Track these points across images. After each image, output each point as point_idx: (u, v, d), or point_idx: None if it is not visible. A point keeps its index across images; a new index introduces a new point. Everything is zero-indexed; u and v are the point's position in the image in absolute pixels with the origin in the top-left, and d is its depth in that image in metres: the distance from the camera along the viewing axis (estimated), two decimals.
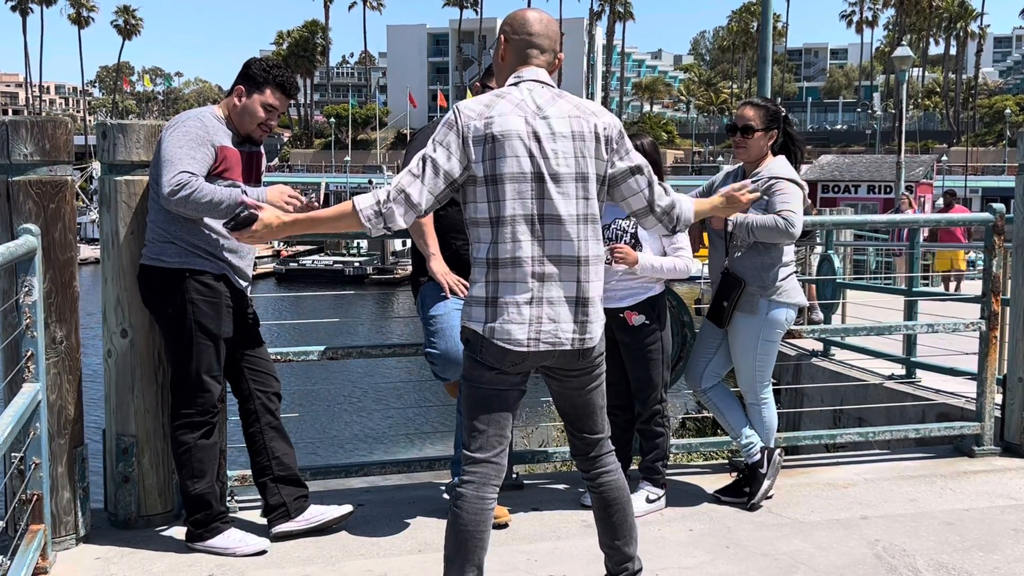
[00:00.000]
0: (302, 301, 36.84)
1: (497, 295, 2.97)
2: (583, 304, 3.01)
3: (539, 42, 3.13)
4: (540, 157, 2.95)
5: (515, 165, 2.94)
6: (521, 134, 2.95)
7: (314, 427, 16.88)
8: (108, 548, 3.95)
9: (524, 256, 2.95)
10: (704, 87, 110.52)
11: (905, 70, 25.88)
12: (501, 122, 2.95)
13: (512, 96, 3.03)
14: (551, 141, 2.97)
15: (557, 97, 3.06)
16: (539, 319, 2.96)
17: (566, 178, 2.98)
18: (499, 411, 3.05)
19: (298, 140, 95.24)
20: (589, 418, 3.18)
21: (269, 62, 4.04)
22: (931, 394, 7.37)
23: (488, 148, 2.95)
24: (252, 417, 4.11)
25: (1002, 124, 78.48)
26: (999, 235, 5.35)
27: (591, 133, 3.04)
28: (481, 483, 3.03)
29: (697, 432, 10.29)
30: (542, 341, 2.96)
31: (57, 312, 3.87)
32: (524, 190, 2.94)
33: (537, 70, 3.11)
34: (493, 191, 2.95)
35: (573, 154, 2.99)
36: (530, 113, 2.99)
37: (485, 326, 2.97)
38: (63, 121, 3.98)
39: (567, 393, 3.15)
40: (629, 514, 3.22)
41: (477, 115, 2.97)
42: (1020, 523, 4.33)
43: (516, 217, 2.94)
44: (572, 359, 3.03)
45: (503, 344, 2.95)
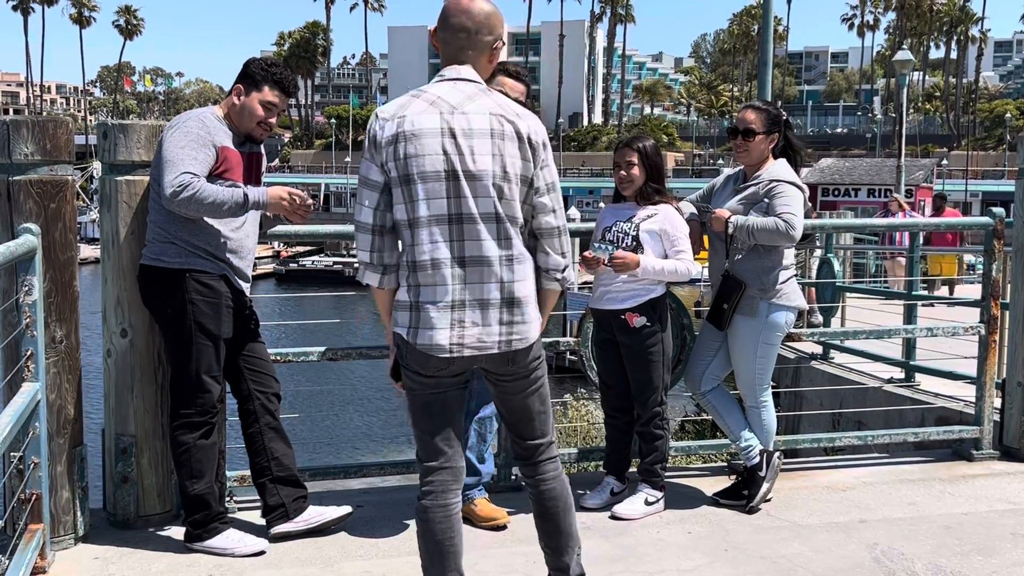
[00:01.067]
0: (302, 301, 36.84)
1: (419, 299, 2.90)
2: (509, 305, 2.91)
3: (461, 36, 2.99)
4: (455, 154, 2.86)
5: (428, 164, 2.85)
6: (434, 132, 2.86)
7: (313, 428, 16.88)
8: (107, 548, 3.95)
9: (442, 258, 2.87)
10: (705, 90, 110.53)
11: (906, 74, 25.87)
12: (414, 120, 2.87)
13: (429, 95, 2.93)
14: (467, 138, 2.87)
15: (480, 94, 2.95)
16: (461, 323, 2.88)
17: (482, 176, 2.87)
18: (440, 415, 3.00)
19: (298, 141, 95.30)
20: (527, 423, 3.08)
21: (267, 61, 4.06)
22: (930, 398, 7.38)
23: (400, 148, 2.86)
24: (251, 417, 4.11)
25: (1002, 128, 78.50)
26: (999, 239, 5.35)
27: (512, 132, 2.92)
28: (440, 491, 3.01)
29: (696, 434, 10.29)
30: (466, 346, 2.89)
31: (57, 312, 3.87)
32: (438, 189, 2.85)
33: (460, 68, 2.99)
34: (408, 191, 2.87)
35: (490, 152, 2.89)
36: (446, 109, 2.89)
37: (409, 331, 2.92)
38: (64, 121, 3.98)
39: (503, 396, 3.07)
40: (565, 523, 3.12)
41: (390, 116, 2.91)
42: (1019, 527, 4.33)
43: (432, 218, 2.86)
44: (502, 362, 2.95)
45: (424, 350, 2.89)
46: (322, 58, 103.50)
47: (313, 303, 37.35)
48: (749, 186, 4.51)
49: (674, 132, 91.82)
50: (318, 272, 47.92)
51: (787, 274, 4.51)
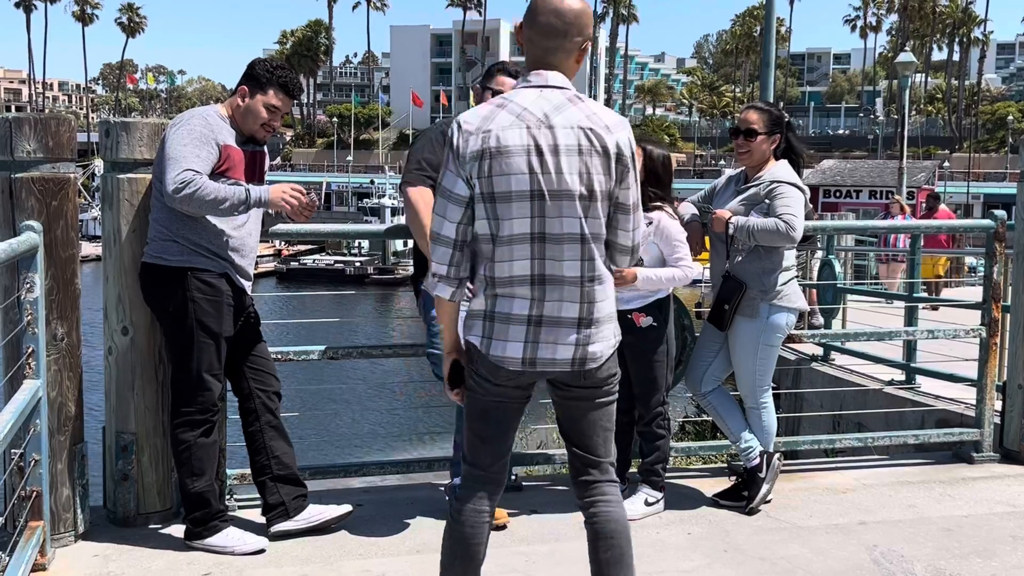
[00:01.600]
0: (303, 300, 36.85)
1: (495, 310, 2.84)
2: (587, 325, 2.84)
3: (550, 37, 2.84)
4: (540, 173, 2.76)
5: (513, 183, 2.76)
6: (520, 149, 2.76)
7: (314, 427, 16.88)
8: (107, 545, 3.96)
9: (522, 275, 2.80)
10: (707, 90, 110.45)
11: (908, 75, 25.88)
12: (499, 136, 2.77)
13: (514, 105, 2.81)
14: (554, 155, 2.76)
15: (568, 103, 2.82)
16: (536, 341, 2.82)
17: (567, 196, 2.77)
18: (497, 423, 2.96)
19: (300, 139, 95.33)
20: (589, 438, 2.97)
21: (273, 63, 4.05)
22: (931, 400, 7.36)
23: (485, 165, 2.77)
24: (252, 416, 4.11)
25: (1004, 131, 78.48)
26: (1000, 242, 5.35)
27: (600, 147, 2.80)
28: (479, 495, 2.96)
29: (696, 435, 10.28)
30: (538, 362, 2.83)
31: (58, 309, 3.87)
32: (523, 208, 2.77)
33: (548, 74, 2.85)
34: (491, 209, 2.79)
35: (577, 170, 2.77)
36: (533, 123, 2.78)
37: (483, 340, 2.86)
38: (66, 118, 3.99)
39: (567, 407, 2.97)
40: (626, 552, 2.92)
41: (475, 129, 2.80)
42: (1018, 530, 4.33)
43: (514, 236, 2.78)
44: (574, 377, 2.88)
45: (497, 362, 2.84)
46: (324, 57, 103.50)
47: (314, 302, 37.36)
48: (750, 187, 4.51)
49: (676, 132, 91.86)
50: (319, 271, 47.93)
51: (788, 275, 4.51)
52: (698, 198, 4.86)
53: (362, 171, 77.85)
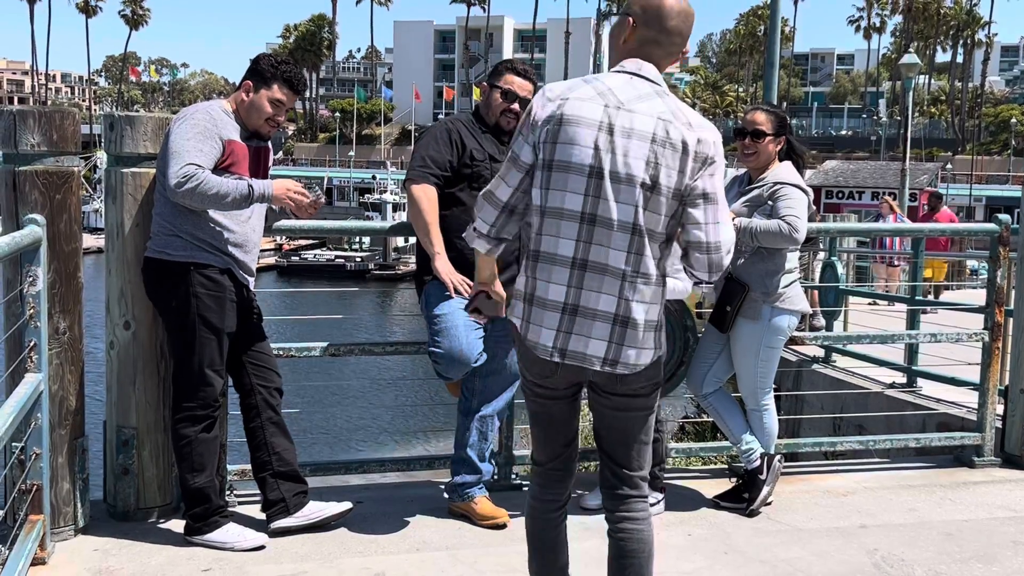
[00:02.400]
0: (303, 296, 36.85)
1: (534, 292, 2.76)
2: (622, 324, 2.72)
3: (671, 39, 2.80)
4: (606, 151, 2.66)
5: (574, 155, 2.68)
6: (592, 123, 2.68)
7: (315, 423, 16.89)
8: (106, 540, 3.95)
9: (565, 255, 2.71)
10: (710, 90, 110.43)
11: (912, 77, 25.85)
12: (575, 106, 2.70)
13: (600, 84, 2.75)
14: (625, 137, 2.67)
15: (654, 95, 2.74)
16: (567, 332, 2.73)
17: (628, 180, 2.66)
18: (548, 425, 2.93)
19: (303, 134, 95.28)
20: (622, 446, 2.88)
21: (278, 58, 4.05)
22: (932, 403, 7.36)
23: (551, 131, 2.70)
24: (253, 412, 4.11)
25: (1007, 133, 78.41)
26: (1004, 246, 5.34)
27: (679, 142, 2.69)
28: (544, 489, 2.98)
29: (697, 437, 10.28)
30: (567, 353, 2.74)
31: (61, 303, 3.87)
32: (578, 183, 2.67)
33: (643, 64, 2.78)
34: (547, 178, 2.71)
35: (645, 157, 2.67)
36: (612, 103, 2.70)
37: (522, 324, 2.80)
38: (71, 112, 3.98)
39: (601, 409, 2.87)
40: (645, 572, 2.87)
41: (555, 96, 2.74)
42: (1019, 535, 4.33)
43: (564, 211, 2.69)
44: (609, 380, 2.77)
45: (531, 347, 2.78)
46: (327, 51, 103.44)
47: (314, 297, 37.38)
48: (753, 188, 4.50)
49: None
50: (320, 266, 47.97)
51: (790, 278, 4.51)
52: None
53: (364, 166, 77.86)
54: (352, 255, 49.85)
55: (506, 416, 4.64)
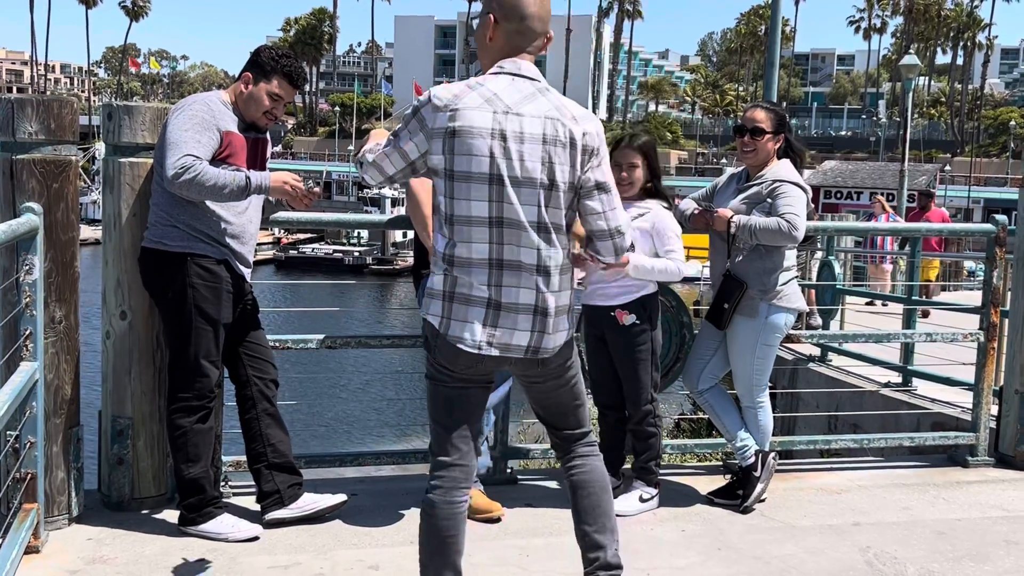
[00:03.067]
0: (301, 289, 36.85)
1: (455, 290, 2.87)
2: (542, 314, 2.89)
3: (532, 26, 2.92)
4: (502, 158, 2.80)
5: (473, 164, 2.80)
6: (484, 132, 2.79)
7: (310, 415, 16.89)
8: (100, 529, 3.96)
9: (480, 258, 2.84)
10: (710, 88, 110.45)
11: (912, 78, 25.85)
12: (465, 116, 2.80)
13: (485, 89, 2.85)
14: (517, 142, 2.81)
15: (538, 94, 2.89)
16: (494, 324, 2.86)
17: (528, 183, 2.82)
18: (461, 413, 2.98)
19: (302, 128, 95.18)
20: (562, 416, 3.11)
21: (279, 51, 4.04)
22: (927, 403, 7.37)
23: (448, 142, 2.81)
24: (249, 403, 4.11)
25: (1006, 136, 78.44)
26: (1001, 247, 5.34)
27: (566, 138, 2.86)
28: (450, 487, 2.97)
29: (692, 433, 10.30)
30: (494, 346, 2.87)
31: (57, 292, 3.87)
32: (481, 191, 2.80)
33: (520, 62, 2.91)
34: (450, 187, 2.83)
35: (540, 158, 2.83)
36: (500, 108, 2.82)
37: (441, 321, 2.89)
38: (69, 101, 3.98)
39: (535, 395, 3.10)
40: (602, 500, 3.09)
41: (443, 105, 2.82)
42: (1012, 534, 4.34)
43: (472, 218, 2.82)
44: (531, 365, 2.95)
45: (453, 343, 2.87)
46: (328, 45, 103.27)
47: (312, 291, 37.36)
48: (752, 186, 4.50)
49: (678, 130, 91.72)
50: (318, 260, 47.92)
51: (788, 276, 4.51)
52: (699, 196, 4.85)
53: None
54: (350, 249, 49.81)
55: (502, 410, 4.65)
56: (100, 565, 3.65)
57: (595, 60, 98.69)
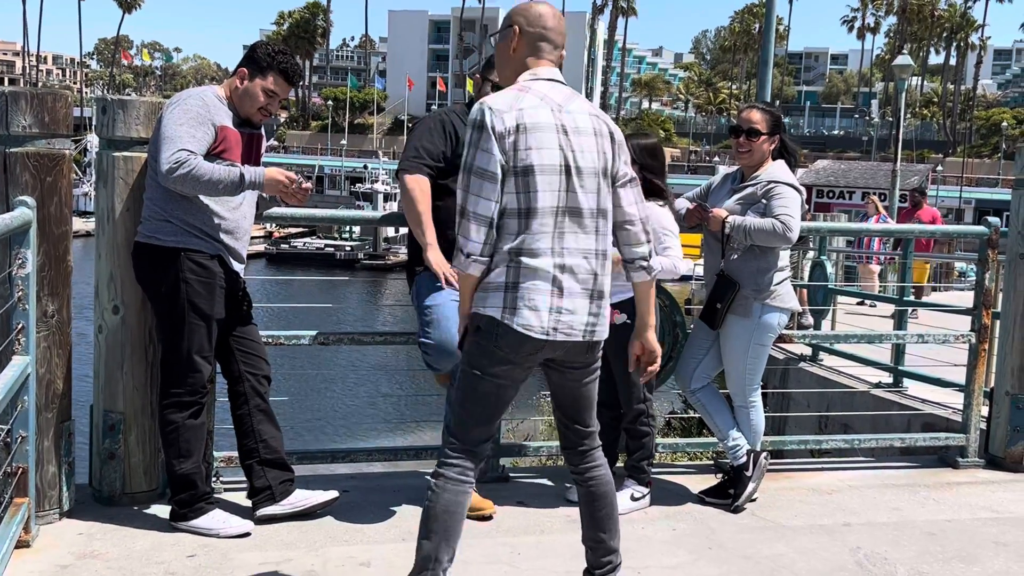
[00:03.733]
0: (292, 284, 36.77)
1: (519, 281, 2.97)
2: (598, 297, 3.07)
3: (552, 38, 3.16)
4: (568, 150, 3.00)
5: (547, 157, 2.97)
6: (550, 126, 2.99)
7: (302, 411, 16.87)
8: (91, 524, 3.95)
9: (547, 247, 2.97)
10: (703, 86, 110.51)
11: (905, 78, 25.85)
12: (532, 114, 2.98)
13: (536, 91, 3.05)
14: (576, 135, 3.03)
15: (573, 96, 3.11)
16: (559, 309, 2.99)
17: (589, 172, 3.04)
18: (493, 407, 3.10)
19: (295, 122, 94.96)
20: (586, 411, 3.23)
21: (275, 47, 4.03)
22: (918, 404, 7.40)
23: (521, 139, 2.95)
24: (241, 399, 4.10)
25: (998, 137, 78.66)
26: (993, 248, 5.36)
27: (607, 131, 3.12)
28: (464, 468, 3.08)
29: (683, 432, 10.31)
30: (559, 331, 2.99)
31: (50, 286, 3.85)
32: (553, 182, 2.97)
33: (552, 69, 3.15)
34: (523, 182, 2.96)
35: (594, 149, 3.06)
36: (555, 107, 3.03)
37: (504, 312, 2.96)
38: (63, 94, 3.96)
39: (567, 385, 3.18)
40: (615, 508, 3.26)
41: (507, 107, 2.97)
42: (1001, 536, 4.35)
43: (544, 209, 2.96)
44: (580, 351, 3.08)
45: (522, 330, 2.95)
46: (321, 39, 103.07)
47: (303, 286, 37.30)
48: (747, 186, 4.51)
49: (671, 127, 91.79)
50: (309, 254, 47.87)
51: (781, 276, 4.52)
52: (694, 195, 4.86)
53: (356, 155, 77.59)
54: (342, 244, 49.76)
55: None
56: (91, 560, 3.64)
57: (589, 57, 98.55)
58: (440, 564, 3.04)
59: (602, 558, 3.24)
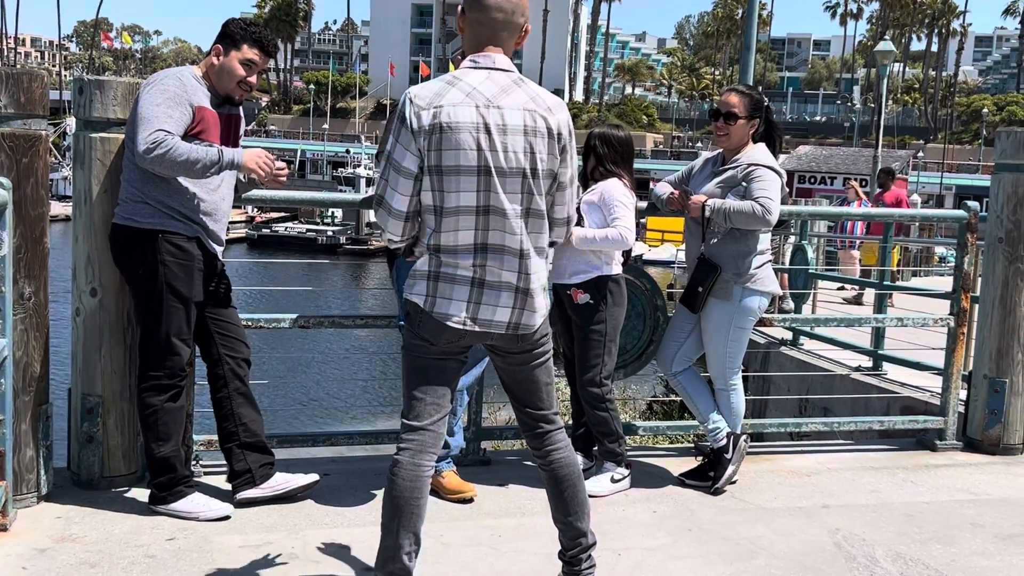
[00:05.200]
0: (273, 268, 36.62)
1: (440, 270, 2.99)
2: (523, 294, 3.02)
3: (494, 16, 3.01)
4: (488, 150, 2.92)
5: (461, 158, 2.91)
6: (470, 127, 2.91)
7: (282, 395, 16.83)
8: (70, 508, 3.93)
9: (466, 244, 2.96)
10: (686, 72, 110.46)
11: (887, 65, 25.95)
12: (451, 112, 2.90)
13: (465, 84, 2.96)
14: (501, 134, 2.93)
15: (513, 86, 3.00)
16: (477, 303, 2.99)
17: (512, 173, 2.95)
18: (437, 381, 3.08)
19: (276, 105, 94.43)
20: (533, 394, 3.20)
21: (246, 20, 4.05)
22: (896, 387, 7.45)
23: (435, 139, 2.90)
24: (220, 382, 4.08)
25: (979, 123, 79.06)
26: (972, 233, 5.39)
27: (544, 128, 2.99)
28: (418, 450, 3.06)
29: (664, 415, 10.36)
30: (477, 323, 3.00)
31: (26, 268, 3.82)
32: (470, 182, 2.92)
33: (493, 55, 3.01)
34: (438, 181, 2.93)
35: (522, 149, 2.96)
36: (481, 102, 2.93)
37: (426, 299, 3.00)
38: (39, 74, 3.91)
39: (509, 368, 3.19)
40: (580, 489, 3.24)
41: (426, 104, 2.92)
42: (978, 517, 4.39)
43: (460, 208, 2.93)
44: (510, 341, 3.08)
45: (440, 319, 2.98)
46: (303, 22, 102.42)
47: (284, 270, 37.13)
48: (727, 169, 4.51)
49: (654, 113, 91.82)
50: (291, 239, 47.65)
51: (762, 259, 4.53)
52: (675, 179, 4.85)
53: (338, 140, 77.28)
54: (323, 229, 49.57)
55: (475, 391, 4.64)
56: (69, 543, 3.62)
57: (572, 42, 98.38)
58: (402, 550, 3.02)
59: (572, 539, 3.25)
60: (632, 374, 5.09)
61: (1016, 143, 5.21)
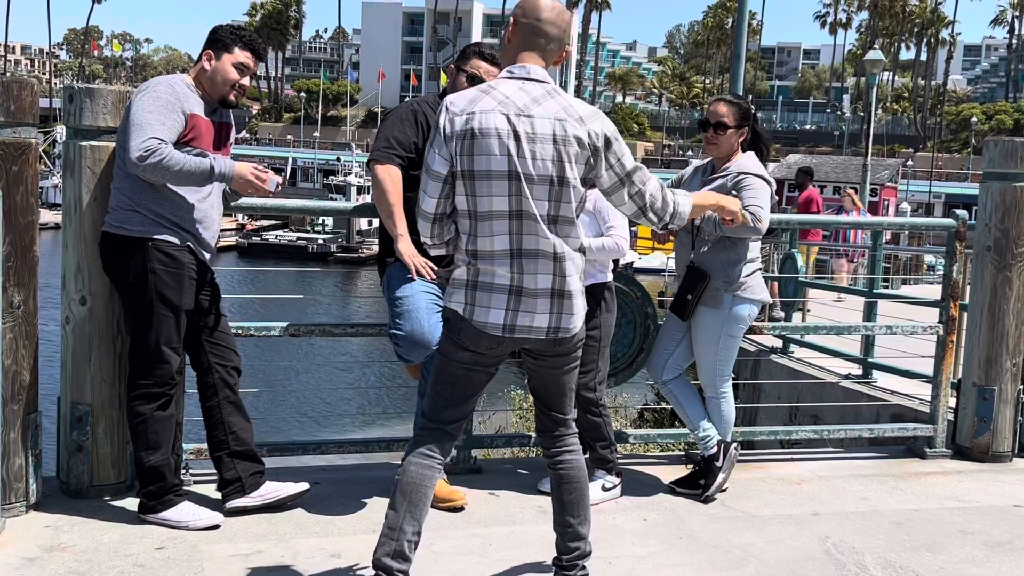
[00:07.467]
0: (264, 276, 36.60)
1: (478, 279, 3.09)
2: (560, 296, 3.11)
3: (547, 30, 3.15)
4: (517, 157, 3.02)
5: (493, 163, 3.01)
6: (500, 133, 3.01)
7: (273, 403, 16.80)
8: (59, 516, 3.91)
9: (501, 249, 3.05)
10: (677, 80, 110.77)
11: (876, 74, 26.04)
12: (482, 119, 3.02)
13: (498, 92, 3.08)
14: (530, 142, 3.03)
15: (546, 96, 3.10)
16: (515, 310, 3.08)
17: (540, 180, 3.04)
18: (463, 389, 3.20)
19: (267, 113, 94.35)
20: (559, 398, 3.29)
21: (235, 25, 4.07)
22: (886, 395, 7.47)
23: (467, 144, 3.03)
24: (210, 391, 4.07)
25: (968, 132, 79.42)
26: (961, 241, 5.41)
27: (574, 138, 3.07)
28: (433, 443, 3.19)
29: (655, 423, 10.37)
30: (517, 329, 3.08)
31: (16, 276, 3.81)
32: (501, 187, 3.02)
33: (531, 67, 3.13)
34: (470, 186, 3.04)
35: (551, 157, 3.04)
36: (513, 111, 3.04)
37: (465, 307, 3.10)
38: (29, 82, 3.91)
39: (541, 372, 3.26)
40: (585, 495, 3.31)
41: (460, 111, 3.05)
42: (967, 525, 4.40)
43: (493, 212, 3.04)
44: (548, 345, 3.16)
45: (480, 327, 3.08)
46: (294, 31, 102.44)
47: (275, 278, 37.11)
48: (717, 178, 4.53)
49: (645, 121, 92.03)
50: (282, 247, 47.62)
51: (752, 267, 4.54)
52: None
53: (329, 148, 77.19)
54: (314, 237, 49.53)
55: None
56: (58, 552, 3.61)
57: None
58: (404, 534, 3.11)
59: (570, 543, 3.29)
60: (622, 382, 5.09)
61: (1004, 152, 5.24)
